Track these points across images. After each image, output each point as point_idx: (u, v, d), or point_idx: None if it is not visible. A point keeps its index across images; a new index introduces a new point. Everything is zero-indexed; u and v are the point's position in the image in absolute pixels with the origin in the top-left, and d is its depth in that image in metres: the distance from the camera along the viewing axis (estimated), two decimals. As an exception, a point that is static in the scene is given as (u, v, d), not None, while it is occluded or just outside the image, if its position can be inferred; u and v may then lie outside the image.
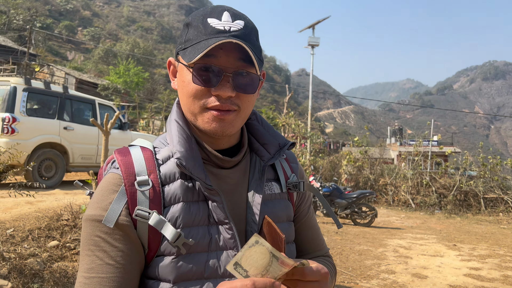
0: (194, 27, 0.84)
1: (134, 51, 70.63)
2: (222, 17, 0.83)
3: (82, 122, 8.46)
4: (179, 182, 0.85)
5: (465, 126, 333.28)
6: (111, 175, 0.85)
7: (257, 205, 0.90)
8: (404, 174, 16.00)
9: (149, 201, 0.82)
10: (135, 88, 43.57)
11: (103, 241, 0.80)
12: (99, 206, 0.81)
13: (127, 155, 0.87)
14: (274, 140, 0.99)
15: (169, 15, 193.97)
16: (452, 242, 8.20)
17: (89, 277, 0.79)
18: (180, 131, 0.88)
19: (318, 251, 1.09)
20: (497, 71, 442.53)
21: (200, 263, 0.82)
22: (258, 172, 0.96)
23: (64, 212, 4.87)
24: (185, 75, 0.85)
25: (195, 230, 0.83)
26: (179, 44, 0.88)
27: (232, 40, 0.78)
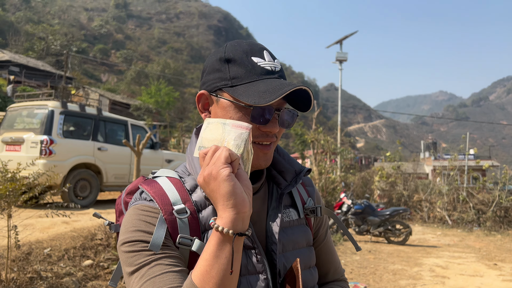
0: (239, 64, 0.86)
1: (165, 72, 72.50)
2: (265, 57, 0.88)
3: (115, 143, 8.71)
4: (211, 208, 0.88)
5: (504, 138, 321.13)
6: (143, 206, 0.85)
7: (275, 234, 0.91)
8: (440, 190, 15.49)
9: (189, 228, 0.84)
10: (166, 108, 44.58)
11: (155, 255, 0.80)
12: (142, 230, 0.82)
13: (157, 186, 0.89)
14: (290, 167, 1.00)
15: (198, 35, 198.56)
16: (493, 261, 7.83)
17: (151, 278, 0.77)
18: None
19: (335, 275, 1.10)
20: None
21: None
22: (276, 200, 0.97)
23: (98, 232, 4.99)
24: (230, 111, 0.87)
25: None
26: (219, 79, 0.88)
27: (302, 87, 0.83)
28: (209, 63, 0.92)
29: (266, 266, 0.87)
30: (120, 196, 1.06)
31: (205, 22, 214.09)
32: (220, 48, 0.93)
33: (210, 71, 0.91)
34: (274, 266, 0.90)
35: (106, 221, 1.06)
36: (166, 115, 34.73)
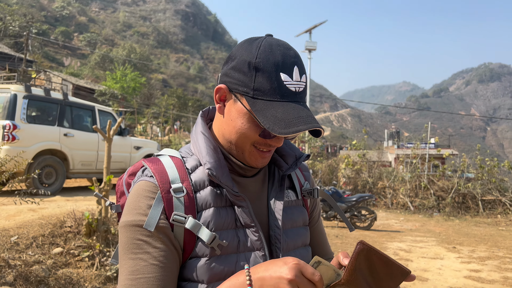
0: (267, 78, 0.86)
1: (131, 56, 70.73)
2: (293, 74, 0.87)
3: (82, 129, 8.49)
4: (209, 189, 0.91)
5: (462, 128, 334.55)
6: (145, 183, 0.89)
7: (279, 211, 0.97)
8: (402, 177, 16.06)
9: (184, 207, 0.88)
10: (132, 94, 43.59)
11: (145, 243, 0.85)
12: (138, 212, 0.86)
13: (159, 164, 0.92)
14: (291, 152, 1.05)
15: (165, 20, 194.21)
16: (452, 244, 8.25)
17: (135, 279, 0.83)
18: (207, 143, 0.94)
19: (326, 255, 1.17)
20: (493, 73, 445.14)
21: (231, 264, 0.88)
22: (278, 181, 1.02)
23: (67, 219, 4.89)
24: (243, 118, 0.89)
25: (225, 233, 0.89)
26: (243, 85, 0.88)
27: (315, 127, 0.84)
28: (239, 57, 0.90)
29: (264, 243, 0.92)
30: (121, 178, 1.09)
31: (172, 6, 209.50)
32: (254, 43, 0.90)
33: (236, 67, 0.90)
34: (271, 243, 0.95)
35: (107, 202, 1.09)
36: (133, 101, 33.97)
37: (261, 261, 0.91)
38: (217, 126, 0.97)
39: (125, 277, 0.84)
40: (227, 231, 0.90)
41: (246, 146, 0.92)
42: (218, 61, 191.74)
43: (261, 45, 0.88)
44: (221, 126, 0.95)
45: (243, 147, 0.92)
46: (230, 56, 0.94)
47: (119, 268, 0.88)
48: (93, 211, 5.22)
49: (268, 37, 0.92)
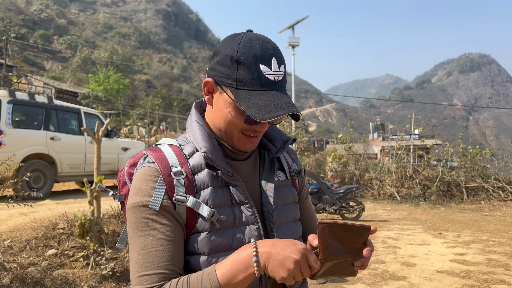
0: (247, 70, 0.95)
1: (113, 58, 69.94)
2: (272, 65, 0.96)
3: (68, 132, 8.48)
4: (206, 171, 1.01)
5: (445, 118, 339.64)
6: (147, 168, 0.99)
7: (270, 189, 1.08)
8: (388, 168, 16.33)
9: (184, 188, 0.98)
10: (115, 95, 43.21)
11: (152, 221, 0.95)
12: (143, 194, 0.96)
13: (159, 151, 1.03)
14: (279, 136, 1.17)
15: (146, 20, 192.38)
16: (438, 231, 8.47)
17: (146, 253, 0.93)
18: (202, 130, 1.05)
19: (314, 230, 1.27)
20: (473, 63, 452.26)
21: (228, 237, 0.99)
22: (268, 163, 1.13)
23: (59, 221, 4.92)
24: (229, 107, 0.99)
25: (222, 210, 0.99)
26: (227, 77, 0.97)
27: (292, 112, 0.94)
28: (222, 52, 0.99)
29: (258, 218, 1.03)
30: (122, 169, 1.19)
31: (153, 6, 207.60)
32: (235, 39, 0.99)
33: (220, 62, 0.99)
34: (264, 218, 1.06)
35: (110, 192, 1.19)
36: (118, 103, 33.70)
37: (255, 234, 1.01)
38: (208, 116, 1.07)
39: (136, 252, 0.94)
40: (224, 208, 1.00)
41: (234, 132, 1.02)
42: (202, 60, 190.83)
43: (241, 40, 0.98)
44: (211, 116, 1.05)
45: (232, 133, 1.02)
46: (215, 52, 1.03)
47: (130, 246, 0.97)
48: (85, 212, 5.26)
49: (248, 33, 1.01)
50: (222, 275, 0.89)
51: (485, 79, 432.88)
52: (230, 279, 0.88)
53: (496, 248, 6.65)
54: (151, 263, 0.92)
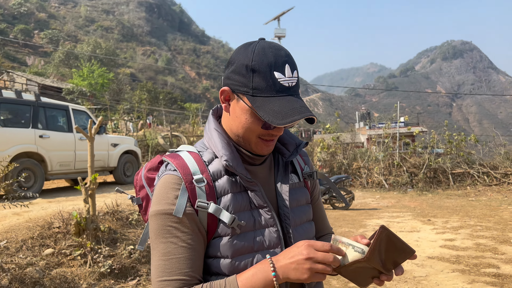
0: (262, 77, 0.99)
1: (96, 52, 68.91)
2: (285, 71, 1.00)
3: (57, 129, 8.40)
4: (226, 178, 1.06)
5: (429, 105, 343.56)
6: (169, 176, 1.03)
7: (286, 192, 1.13)
8: (376, 157, 16.55)
9: (206, 195, 1.02)
10: (100, 90, 42.66)
11: (175, 229, 0.99)
12: (166, 202, 1.00)
13: (180, 159, 1.06)
14: (292, 140, 1.21)
15: (128, 12, 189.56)
16: (426, 217, 8.66)
17: (167, 259, 0.97)
18: (221, 138, 1.08)
19: (326, 230, 1.34)
20: (455, 50, 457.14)
21: (250, 240, 1.03)
22: (282, 167, 1.18)
23: (54, 220, 4.92)
24: (246, 114, 1.03)
25: (242, 214, 1.04)
26: (243, 85, 1.01)
27: (308, 116, 0.97)
28: (237, 62, 1.03)
29: (276, 220, 1.07)
30: (139, 172, 1.23)
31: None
32: (249, 48, 1.03)
33: (236, 70, 1.03)
34: (281, 220, 1.10)
35: (128, 195, 1.23)
36: (105, 97, 33.31)
37: (275, 236, 1.06)
38: (225, 122, 1.11)
39: (158, 258, 0.99)
40: (244, 212, 1.04)
41: (252, 138, 1.06)
42: (186, 52, 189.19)
43: (255, 49, 1.02)
44: (228, 123, 1.09)
45: (250, 139, 1.06)
46: (229, 61, 1.07)
47: (152, 251, 1.01)
48: (79, 210, 5.25)
49: (261, 41, 1.05)
50: (242, 286, 0.94)
51: (467, 65, 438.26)
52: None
53: (484, 233, 6.84)
54: (172, 269, 0.97)
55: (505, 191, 12.74)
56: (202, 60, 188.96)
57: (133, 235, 5.21)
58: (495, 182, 13.99)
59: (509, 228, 7.13)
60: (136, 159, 10.69)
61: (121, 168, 10.07)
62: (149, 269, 4.60)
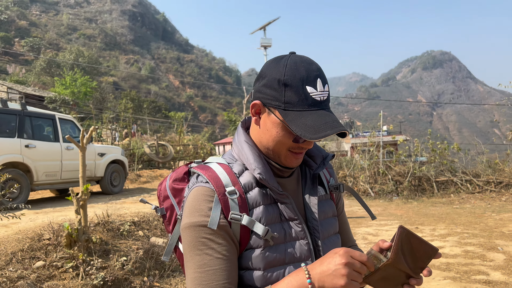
0: (294, 92, 1.00)
1: (79, 60, 68.19)
2: (317, 86, 1.01)
3: (43, 139, 8.25)
4: (257, 190, 1.06)
5: (410, 114, 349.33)
6: (202, 188, 1.03)
7: (314, 205, 1.13)
8: (361, 165, 16.72)
9: (238, 207, 1.02)
10: (83, 99, 42.16)
11: (210, 240, 0.99)
12: (200, 214, 1.00)
13: (211, 171, 1.06)
14: (319, 152, 1.22)
15: (111, 21, 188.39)
16: (414, 225, 8.77)
17: (204, 271, 0.97)
18: (253, 151, 1.09)
19: (350, 242, 1.35)
20: (435, 60, 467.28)
21: (281, 252, 1.03)
22: (310, 180, 1.19)
23: (44, 232, 4.82)
24: (277, 127, 1.04)
25: (273, 227, 1.04)
26: (275, 99, 1.02)
27: (340, 130, 0.98)
28: (268, 76, 1.04)
29: (307, 233, 1.08)
30: (162, 183, 1.23)
31: (118, 7, 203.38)
32: (280, 62, 1.03)
33: (267, 84, 1.03)
34: (310, 233, 1.11)
35: (153, 206, 1.23)
36: (89, 106, 32.92)
37: (305, 248, 1.06)
38: (254, 135, 1.12)
39: (194, 270, 0.98)
40: (275, 224, 1.05)
41: (282, 151, 1.06)
42: (170, 61, 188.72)
43: (287, 63, 1.02)
44: (258, 135, 1.10)
45: (280, 152, 1.07)
46: (260, 74, 1.07)
47: (186, 263, 1.01)
48: (69, 221, 5.17)
49: (292, 55, 1.06)
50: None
51: (446, 75, 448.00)
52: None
53: (471, 240, 6.96)
54: (209, 281, 0.96)
55: (488, 199, 13.00)
56: (186, 68, 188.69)
57: (124, 246, 5.14)
58: (477, 190, 14.26)
59: (495, 235, 7.27)
60: (123, 169, 10.57)
61: (108, 178, 9.93)
62: (143, 281, 4.54)
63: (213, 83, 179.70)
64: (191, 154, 19.34)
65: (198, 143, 21.41)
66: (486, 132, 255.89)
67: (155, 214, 6.49)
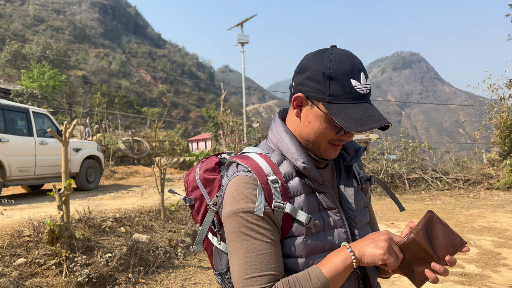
0: (340, 85, 1.01)
1: (47, 53, 65.98)
2: (361, 79, 1.03)
3: (16, 133, 7.98)
4: (297, 179, 1.08)
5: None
6: (244, 177, 1.04)
7: (351, 196, 1.16)
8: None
9: (281, 195, 1.03)
10: (51, 93, 40.87)
11: (258, 226, 1.00)
12: (245, 200, 1.01)
13: (251, 160, 1.08)
14: (352, 145, 1.24)
15: (81, 13, 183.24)
16: (389, 221, 9.01)
17: (254, 255, 0.99)
18: (294, 141, 1.10)
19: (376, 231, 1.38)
20: (405, 61, 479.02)
21: (321, 240, 1.06)
22: (344, 171, 1.21)
23: (24, 228, 4.68)
24: (320, 120, 1.06)
25: (314, 215, 1.06)
26: (319, 92, 1.03)
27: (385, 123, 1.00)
28: (312, 68, 1.05)
29: (345, 222, 1.11)
30: (190, 173, 1.23)
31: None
32: (324, 55, 1.05)
33: (311, 77, 1.05)
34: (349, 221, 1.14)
35: (181, 196, 1.23)
36: (60, 100, 31.96)
37: (344, 237, 1.09)
38: (294, 127, 1.13)
39: (243, 255, 0.99)
40: (314, 213, 1.07)
41: (322, 143, 1.08)
42: (142, 55, 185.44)
43: (331, 56, 1.04)
44: (298, 127, 1.11)
45: (320, 144, 1.09)
46: (302, 67, 1.08)
47: (232, 249, 1.02)
48: (50, 217, 5.03)
49: (335, 49, 1.07)
50: (326, 271, 0.97)
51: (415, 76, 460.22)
52: (333, 272, 0.97)
53: (445, 235, 7.22)
54: (261, 265, 0.98)
55: (457, 195, 13.49)
56: (158, 63, 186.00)
57: (107, 242, 5.05)
58: (447, 187, 14.77)
59: (466, 230, 7.57)
60: (99, 165, 10.35)
61: (83, 174, 9.71)
62: (128, 277, 4.49)
63: (186, 79, 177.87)
64: (167, 150, 19.10)
65: (174, 139, 21.17)
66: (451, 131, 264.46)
67: (137, 210, 6.41)
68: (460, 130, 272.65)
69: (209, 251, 1.24)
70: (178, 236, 5.99)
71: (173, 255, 5.45)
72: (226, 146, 13.29)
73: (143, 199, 8.18)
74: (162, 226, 6.27)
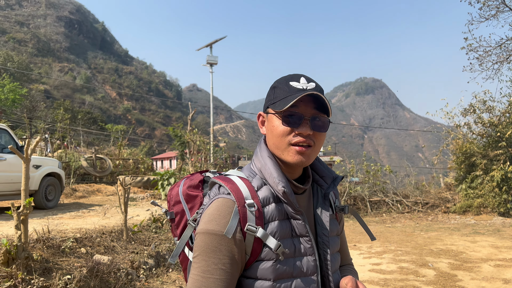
0: (280, 88, 1.15)
1: (7, 65, 63.85)
2: (300, 80, 1.15)
3: (-28, 148, 7.65)
4: (274, 205, 1.13)
5: (343, 136, 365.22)
6: (224, 200, 1.10)
7: (326, 222, 1.21)
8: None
9: (255, 219, 1.09)
10: (11, 106, 39.39)
11: (219, 250, 1.05)
12: (218, 223, 1.06)
13: (233, 183, 1.13)
14: (329, 173, 1.28)
15: (45, 26, 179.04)
16: (352, 243, 9.17)
17: (206, 277, 1.04)
18: (276, 166, 1.15)
19: (347, 260, 1.44)
20: (367, 86, 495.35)
21: (290, 266, 1.10)
22: (321, 198, 1.27)
23: (-23, 249, 4.45)
24: (274, 121, 1.15)
25: (285, 241, 1.11)
26: (268, 101, 1.19)
27: (313, 92, 1.10)
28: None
29: (315, 249, 1.15)
30: (173, 188, 1.29)
31: (54, 12, 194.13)
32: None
33: (266, 97, 1.22)
34: (319, 248, 1.19)
35: (163, 209, 1.27)
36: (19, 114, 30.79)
37: (312, 264, 1.13)
38: (268, 144, 1.21)
39: (198, 273, 1.05)
40: (286, 239, 1.12)
41: (283, 144, 1.13)
42: (108, 71, 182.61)
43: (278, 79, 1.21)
44: (268, 141, 1.20)
45: (282, 146, 1.13)
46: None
47: (193, 264, 1.07)
48: (6, 237, 4.83)
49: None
50: None
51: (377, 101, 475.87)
52: None
53: (405, 257, 7.43)
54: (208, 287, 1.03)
55: (416, 218, 13.93)
56: (124, 80, 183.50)
57: (66, 264, 4.89)
58: (407, 210, 15.23)
59: (425, 253, 7.82)
60: (60, 182, 10.01)
61: (42, 192, 9.35)
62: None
63: (152, 97, 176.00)
64: (130, 168, 18.72)
65: (138, 158, 20.79)
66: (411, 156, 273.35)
67: (98, 230, 6.25)
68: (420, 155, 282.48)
69: (184, 265, 1.29)
70: (140, 257, 5.86)
71: (135, 277, 5.33)
72: (192, 165, 13.21)
73: (105, 218, 7.98)
74: (125, 247, 6.13)
